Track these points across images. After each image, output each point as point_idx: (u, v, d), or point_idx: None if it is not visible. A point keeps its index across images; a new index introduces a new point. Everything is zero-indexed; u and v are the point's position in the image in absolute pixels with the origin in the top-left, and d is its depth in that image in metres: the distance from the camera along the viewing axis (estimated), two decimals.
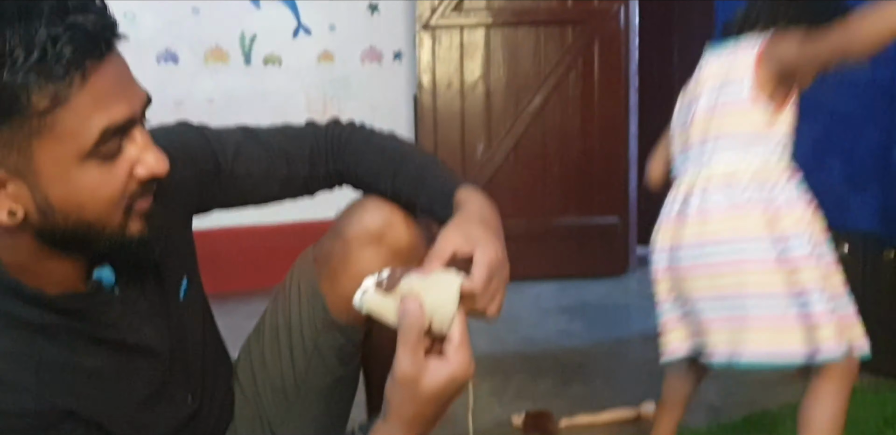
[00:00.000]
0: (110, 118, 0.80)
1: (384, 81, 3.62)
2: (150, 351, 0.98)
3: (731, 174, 1.42)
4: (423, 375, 0.85)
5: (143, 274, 1.00)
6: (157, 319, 1.01)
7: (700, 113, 1.48)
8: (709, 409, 2.01)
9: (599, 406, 2.01)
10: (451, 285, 0.89)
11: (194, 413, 1.07)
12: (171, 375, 1.03)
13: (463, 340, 0.87)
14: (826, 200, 2.30)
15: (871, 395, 1.98)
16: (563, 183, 3.59)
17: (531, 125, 3.55)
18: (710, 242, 1.41)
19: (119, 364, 0.94)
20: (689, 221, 1.44)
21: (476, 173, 3.55)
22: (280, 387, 1.23)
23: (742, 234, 1.39)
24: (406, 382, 0.85)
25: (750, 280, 1.38)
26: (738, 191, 1.40)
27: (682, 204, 1.47)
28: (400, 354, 0.86)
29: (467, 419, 1.01)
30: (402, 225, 1.17)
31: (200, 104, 3.37)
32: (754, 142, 1.43)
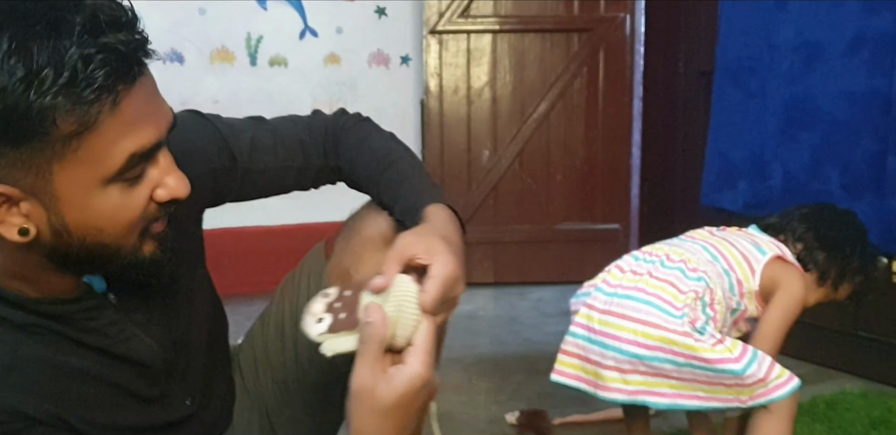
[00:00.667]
0: (138, 143, 0.77)
1: (391, 85, 3.65)
2: (138, 362, 0.94)
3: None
4: (378, 386, 0.81)
5: (147, 284, 0.95)
6: (157, 330, 0.97)
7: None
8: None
9: (593, 406, 2.03)
10: (410, 293, 0.86)
11: (191, 415, 1.04)
12: (169, 382, 1.00)
13: (424, 346, 0.83)
14: None
15: (859, 399, 2.01)
16: (567, 190, 3.63)
17: (536, 132, 3.59)
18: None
19: (106, 369, 0.90)
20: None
21: (482, 179, 3.59)
22: (281, 379, 1.22)
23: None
24: (363, 394, 0.81)
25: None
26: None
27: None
28: (358, 366, 0.82)
29: (432, 426, 0.95)
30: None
31: (205, 105, 3.41)
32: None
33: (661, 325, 1.40)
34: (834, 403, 1.98)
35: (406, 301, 0.85)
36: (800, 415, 1.91)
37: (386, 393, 0.81)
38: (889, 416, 1.89)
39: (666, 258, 1.53)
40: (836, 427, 1.84)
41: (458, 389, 2.23)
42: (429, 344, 0.84)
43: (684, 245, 1.59)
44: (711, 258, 1.55)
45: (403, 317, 0.84)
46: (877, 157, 2.17)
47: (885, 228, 2.15)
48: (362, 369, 0.82)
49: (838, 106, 2.26)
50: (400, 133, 1.23)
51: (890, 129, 2.12)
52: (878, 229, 2.17)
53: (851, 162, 2.24)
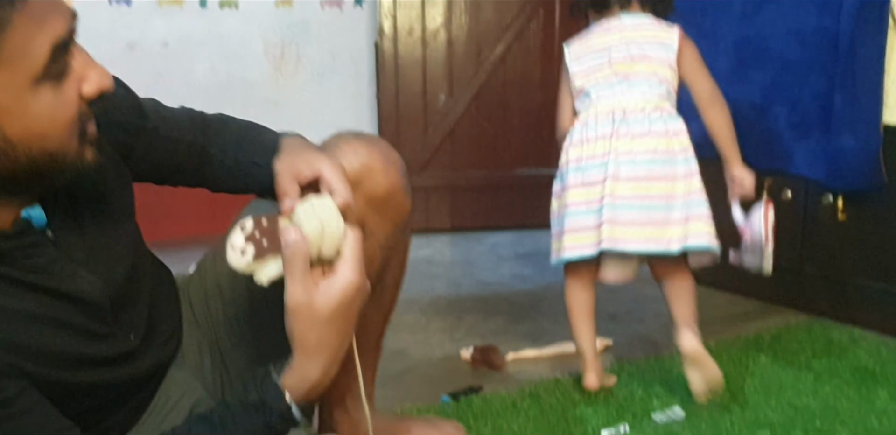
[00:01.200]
0: (54, 34, 0.76)
1: (344, 27, 3.58)
2: (86, 302, 0.92)
3: (644, 105, 1.74)
4: (314, 299, 0.85)
5: (82, 216, 0.95)
6: (98, 267, 0.95)
7: (618, 60, 1.78)
8: (650, 344, 2.09)
9: (546, 342, 2.07)
10: (326, 207, 0.89)
11: (135, 349, 1.03)
12: (115, 319, 0.98)
13: (352, 254, 0.87)
14: (771, 148, 2.37)
15: (803, 332, 2.07)
16: (523, 134, 3.63)
17: (493, 75, 3.57)
18: (644, 156, 1.71)
19: (54, 309, 0.89)
20: (638, 138, 1.71)
21: (438, 123, 3.57)
22: (233, 314, 1.21)
23: (661, 153, 1.72)
24: (300, 309, 0.85)
25: (675, 186, 1.71)
26: (648, 117, 1.73)
27: (611, 125, 1.72)
28: (288, 285, 0.85)
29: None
30: (380, 171, 1.11)
31: (154, 48, 3.33)
32: (659, 84, 1.77)
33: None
34: (778, 336, 2.04)
35: (325, 214, 0.88)
36: (745, 347, 1.98)
37: (323, 304, 0.85)
38: (831, 346, 1.95)
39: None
40: (780, 358, 1.90)
41: (415, 328, 2.26)
42: (357, 251, 0.88)
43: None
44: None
45: (328, 229, 0.87)
46: (824, 96, 2.19)
47: (831, 165, 2.19)
48: (293, 287, 0.85)
49: (788, 45, 2.27)
50: (354, 77, 1.23)
51: (837, 67, 2.14)
52: (825, 167, 2.21)
53: (800, 101, 2.26)
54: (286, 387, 0.92)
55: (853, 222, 2.20)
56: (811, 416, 1.57)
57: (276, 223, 0.89)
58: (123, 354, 1.00)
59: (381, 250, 1.17)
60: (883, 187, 2.09)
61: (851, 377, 1.77)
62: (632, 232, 1.67)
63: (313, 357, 0.90)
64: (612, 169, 1.68)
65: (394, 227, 1.16)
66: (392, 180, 1.13)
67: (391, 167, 1.13)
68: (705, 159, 1.87)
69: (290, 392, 0.92)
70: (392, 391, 1.78)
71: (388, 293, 1.28)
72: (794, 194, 2.34)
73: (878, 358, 1.88)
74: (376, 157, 1.11)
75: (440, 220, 3.66)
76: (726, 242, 1.84)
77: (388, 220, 1.16)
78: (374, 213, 1.13)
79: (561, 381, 1.78)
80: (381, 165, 1.11)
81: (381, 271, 1.20)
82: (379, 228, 1.15)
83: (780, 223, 2.39)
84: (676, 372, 1.81)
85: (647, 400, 1.65)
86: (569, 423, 1.56)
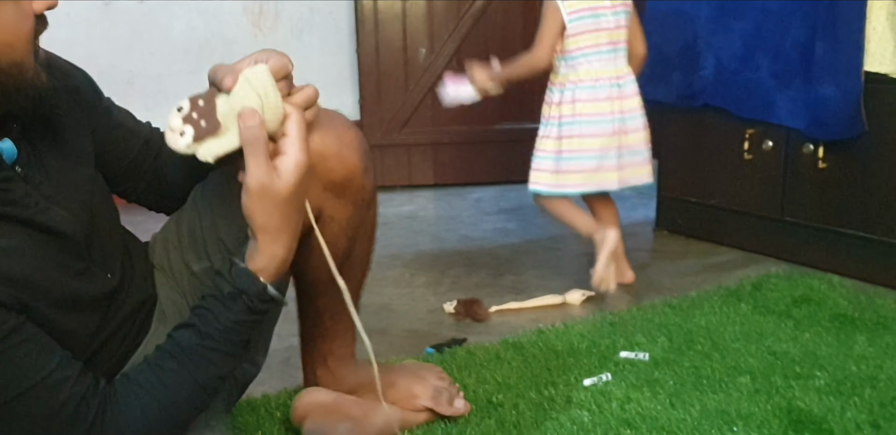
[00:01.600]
0: None
1: None
2: (61, 233, 0.95)
3: (627, 69, 2.12)
4: (273, 180, 0.90)
5: (44, 157, 0.98)
6: (65, 202, 0.98)
7: (609, 28, 2.06)
8: (632, 295, 2.11)
9: (528, 295, 2.08)
10: (262, 78, 0.89)
11: (116, 288, 1.06)
12: (90, 255, 1.02)
13: (298, 134, 0.91)
14: (753, 98, 2.36)
15: (783, 280, 2.08)
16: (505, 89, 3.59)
17: (474, 28, 3.52)
18: (637, 111, 2.12)
19: (35, 245, 0.92)
20: (630, 98, 2.11)
21: (419, 78, 3.53)
22: (197, 269, 1.18)
23: (640, 109, 2.14)
24: (264, 191, 0.90)
25: (646, 135, 2.14)
26: (632, 81, 2.12)
27: (616, 89, 2.08)
28: (251, 167, 0.89)
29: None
30: (334, 156, 1.08)
31: (130, 5, 3.27)
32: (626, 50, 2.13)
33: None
34: (759, 285, 2.06)
35: (262, 86, 0.89)
36: (726, 296, 2.00)
37: (283, 184, 0.90)
38: (811, 293, 1.97)
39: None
40: (760, 306, 1.92)
41: (399, 282, 2.26)
42: (301, 128, 0.92)
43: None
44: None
45: (268, 103, 0.89)
46: (805, 44, 2.18)
47: (812, 114, 2.18)
48: (256, 169, 0.89)
49: None
50: (333, 32, 1.21)
51: (818, 15, 2.12)
52: (806, 116, 2.20)
53: (781, 50, 2.25)
54: (256, 270, 0.95)
55: (834, 171, 2.20)
56: (791, 362, 1.59)
57: (212, 102, 0.90)
58: (107, 293, 1.04)
59: (346, 232, 1.16)
60: (863, 135, 2.09)
61: (830, 324, 1.79)
62: (637, 172, 2.12)
63: (278, 235, 0.94)
64: (620, 125, 2.07)
65: (355, 208, 1.14)
66: (348, 165, 1.09)
67: (346, 149, 1.09)
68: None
69: (261, 274, 0.95)
70: (376, 345, 1.76)
71: (359, 265, 1.26)
72: (774, 144, 2.34)
73: (856, 305, 1.90)
74: (329, 143, 1.07)
75: (423, 175, 3.64)
76: None
77: (348, 203, 1.13)
78: (333, 197, 1.11)
79: (543, 331, 1.80)
80: (336, 150, 1.07)
81: (349, 249, 1.19)
82: (339, 212, 1.13)
83: (761, 173, 2.40)
84: (658, 321, 1.83)
85: (629, 349, 1.67)
86: (552, 372, 1.57)
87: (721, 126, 2.48)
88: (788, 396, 1.44)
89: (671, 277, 2.26)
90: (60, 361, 0.90)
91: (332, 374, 1.35)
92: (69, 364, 0.92)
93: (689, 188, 2.64)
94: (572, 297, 2.05)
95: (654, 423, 1.34)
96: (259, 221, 0.93)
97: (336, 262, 1.14)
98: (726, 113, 2.43)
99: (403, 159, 3.63)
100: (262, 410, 1.44)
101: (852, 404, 1.40)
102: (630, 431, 1.32)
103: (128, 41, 3.31)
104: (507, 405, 1.43)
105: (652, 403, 1.42)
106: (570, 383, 1.52)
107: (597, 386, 1.50)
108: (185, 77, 3.38)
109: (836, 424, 1.32)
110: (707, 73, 2.45)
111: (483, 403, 1.44)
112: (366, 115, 3.57)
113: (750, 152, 2.41)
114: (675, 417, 1.36)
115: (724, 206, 2.53)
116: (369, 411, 1.31)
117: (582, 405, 1.42)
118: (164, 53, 3.38)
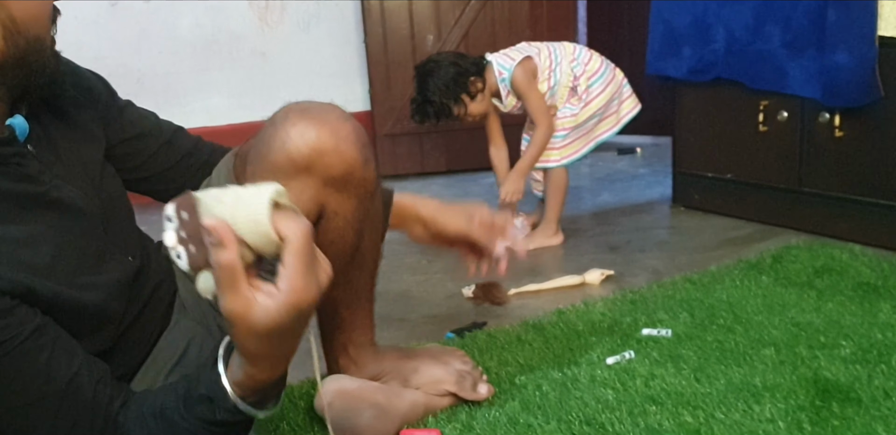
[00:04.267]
0: None
1: None
2: (77, 209, 0.96)
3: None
4: (251, 312, 0.77)
5: (54, 139, 1.00)
6: (77, 181, 1.00)
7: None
8: (651, 272, 2.09)
9: (547, 277, 2.07)
10: (258, 198, 0.75)
11: (139, 270, 1.07)
12: (108, 235, 1.02)
13: (295, 264, 0.76)
14: (766, 68, 2.33)
15: (804, 251, 2.06)
16: None
17: (481, 13, 3.49)
18: None
19: (53, 227, 0.92)
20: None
21: None
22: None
23: None
24: (236, 320, 0.78)
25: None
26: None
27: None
28: (220, 293, 0.77)
29: (313, 365, 0.92)
30: (331, 151, 1.04)
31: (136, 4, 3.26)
32: None
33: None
34: (780, 257, 2.04)
35: (257, 212, 0.74)
36: (746, 269, 1.98)
37: (261, 320, 0.77)
38: (832, 263, 1.95)
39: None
40: (781, 278, 1.90)
41: (416, 269, 2.26)
42: (300, 264, 0.77)
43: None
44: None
45: (258, 230, 0.74)
46: (817, 11, 2.14)
47: (826, 82, 2.15)
48: (226, 297, 0.77)
49: None
50: (340, 23, 1.20)
51: None
52: (820, 84, 2.17)
53: (793, 18, 2.21)
54: (233, 383, 0.87)
55: (850, 139, 2.17)
56: (815, 332, 1.57)
57: (196, 218, 0.76)
58: (130, 276, 1.04)
59: (352, 225, 1.14)
60: (879, 101, 2.06)
61: (854, 293, 1.77)
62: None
63: (256, 362, 0.84)
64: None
65: (359, 201, 1.12)
66: (346, 158, 1.05)
67: (343, 143, 1.05)
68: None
69: (237, 387, 0.87)
70: (397, 332, 1.79)
71: (369, 256, 1.25)
72: (790, 115, 2.31)
73: (879, 273, 1.87)
74: (326, 137, 1.03)
75: (435, 162, 3.63)
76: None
77: (351, 196, 1.11)
78: (335, 192, 1.09)
79: (563, 312, 1.79)
80: (333, 145, 1.03)
81: (356, 242, 1.18)
82: (343, 206, 1.11)
83: (777, 145, 2.37)
84: (679, 297, 1.82)
85: (651, 326, 1.66)
86: (574, 352, 1.56)
87: (735, 99, 2.46)
88: (814, 366, 1.42)
89: (690, 253, 2.24)
90: (82, 366, 0.90)
91: (353, 362, 1.35)
92: (91, 368, 0.92)
93: (704, 163, 2.61)
94: (591, 276, 2.04)
95: (680, 398, 1.33)
96: (236, 342, 0.82)
97: (345, 256, 1.16)
98: (740, 85, 2.40)
99: (416, 147, 3.62)
100: (285, 400, 1.44)
101: (879, 372, 1.38)
102: (655, 408, 1.31)
103: (135, 40, 3.31)
104: (531, 387, 1.42)
105: (676, 378, 1.41)
106: (592, 362, 1.51)
107: (620, 364, 1.49)
108: (194, 74, 3.38)
109: (864, 393, 1.31)
110: (718, 47, 2.42)
111: (506, 386, 1.44)
112: (376, 105, 3.56)
113: (765, 124, 2.38)
114: (701, 391, 1.35)
115: (740, 179, 2.51)
116: (393, 397, 1.31)
117: (606, 384, 1.41)
118: (171, 51, 3.38)
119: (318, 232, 1.14)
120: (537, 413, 1.32)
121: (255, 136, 1.09)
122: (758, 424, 1.24)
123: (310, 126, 1.02)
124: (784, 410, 1.27)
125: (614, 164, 3.66)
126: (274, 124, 1.05)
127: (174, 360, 1.12)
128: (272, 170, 1.04)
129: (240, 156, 1.11)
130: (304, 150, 1.02)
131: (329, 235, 1.13)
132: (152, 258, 1.16)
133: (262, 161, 1.05)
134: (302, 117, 1.04)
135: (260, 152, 1.06)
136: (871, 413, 1.25)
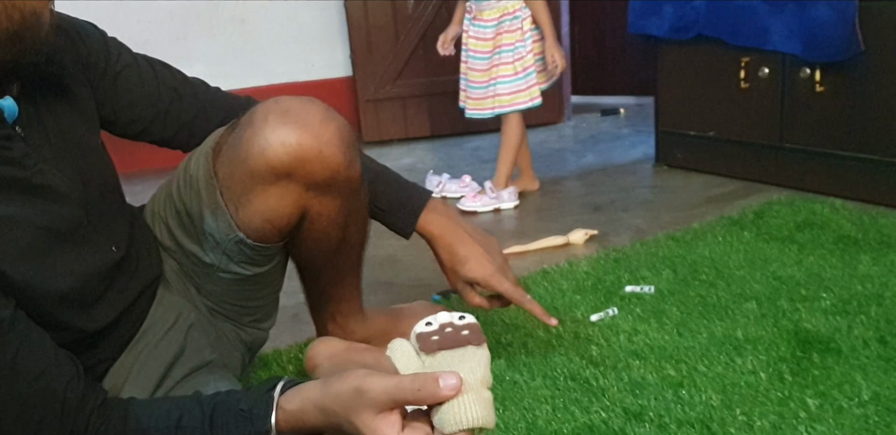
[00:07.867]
0: None
1: None
2: (59, 195, 0.93)
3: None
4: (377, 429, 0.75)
5: (44, 121, 0.96)
6: (63, 166, 0.96)
7: None
8: (634, 231, 2.11)
9: (532, 238, 2.09)
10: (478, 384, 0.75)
11: (120, 260, 1.04)
12: (91, 223, 0.98)
13: None
14: (746, 25, 2.33)
15: (785, 207, 2.08)
16: None
17: None
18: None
19: (32, 212, 0.89)
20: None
21: (409, 29, 3.48)
22: (197, 261, 1.17)
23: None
24: (350, 400, 0.77)
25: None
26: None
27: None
28: (383, 382, 0.76)
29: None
30: (314, 158, 1.01)
31: None
32: None
33: None
34: (762, 213, 2.05)
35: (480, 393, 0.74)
36: (728, 225, 1.99)
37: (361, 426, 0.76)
38: (813, 218, 1.97)
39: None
40: (763, 233, 1.92)
41: None
42: None
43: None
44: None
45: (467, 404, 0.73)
46: None
47: (807, 37, 2.15)
48: (373, 421, 0.75)
49: None
50: None
51: None
52: (801, 40, 2.17)
53: None
54: (281, 409, 0.84)
55: (831, 94, 2.18)
56: (796, 285, 1.59)
57: (455, 337, 0.81)
58: (110, 266, 1.01)
59: (336, 222, 1.14)
60: (860, 55, 2.06)
61: (834, 246, 1.79)
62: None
63: (320, 418, 0.82)
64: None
65: (343, 199, 1.11)
66: (329, 164, 1.03)
67: (327, 148, 1.02)
68: None
69: (281, 416, 0.84)
70: (384, 295, 1.80)
71: (355, 240, 1.23)
72: (771, 71, 2.31)
73: (860, 226, 1.89)
74: (308, 144, 1.00)
75: (419, 127, 3.62)
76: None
77: (336, 196, 1.09)
78: (318, 196, 1.07)
79: (548, 272, 1.80)
80: (316, 151, 1.01)
81: (342, 236, 1.17)
82: (327, 207, 1.10)
83: (759, 102, 2.38)
84: (662, 255, 1.83)
85: (635, 283, 1.67)
86: (558, 311, 1.58)
87: (716, 56, 2.45)
88: (795, 318, 1.44)
89: (673, 211, 2.25)
90: (51, 363, 0.85)
91: (342, 329, 1.36)
92: (62, 366, 0.86)
93: (686, 122, 2.62)
94: (575, 236, 2.05)
95: (663, 352, 1.35)
96: (333, 422, 0.80)
97: (330, 249, 1.17)
98: (720, 43, 2.40)
99: (399, 112, 3.61)
100: (274, 365, 1.46)
101: (859, 322, 1.40)
102: (639, 362, 1.33)
103: (113, 9, 3.27)
104: (516, 345, 1.44)
105: (659, 333, 1.43)
106: (577, 320, 1.53)
107: (604, 321, 1.51)
108: (173, 42, 3.34)
109: (844, 343, 1.33)
110: (699, 4, 2.41)
111: (492, 344, 1.45)
112: (358, 70, 3.54)
113: (746, 81, 2.38)
114: (683, 344, 1.37)
115: (722, 137, 2.52)
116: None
117: (590, 340, 1.43)
118: (149, 20, 3.34)
119: (302, 233, 1.14)
120: (523, 370, 1.34)
121: (233, 131, 1.06)
122: (740, 375, 1.26)
123: (291, 132, 0.99)
124: (765, 361, 1.30)
125: (597, 125, 3.66)
126: (252, 125, 1.02)
127: (161, 333, 1.11)
128: (251, 175, 1.03)
129: (217, 151, 1.08)
130: (285, 159, 1.00)
131: (313, 235, 1.14)
132: (150, 253, 1.13)
133: (241, 164, 1.03)
134: (283, 121, 1.01)
135: (238, 155, 1.03)
136: (850, 362, 1.27)
